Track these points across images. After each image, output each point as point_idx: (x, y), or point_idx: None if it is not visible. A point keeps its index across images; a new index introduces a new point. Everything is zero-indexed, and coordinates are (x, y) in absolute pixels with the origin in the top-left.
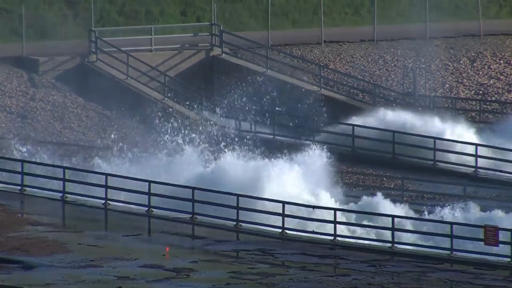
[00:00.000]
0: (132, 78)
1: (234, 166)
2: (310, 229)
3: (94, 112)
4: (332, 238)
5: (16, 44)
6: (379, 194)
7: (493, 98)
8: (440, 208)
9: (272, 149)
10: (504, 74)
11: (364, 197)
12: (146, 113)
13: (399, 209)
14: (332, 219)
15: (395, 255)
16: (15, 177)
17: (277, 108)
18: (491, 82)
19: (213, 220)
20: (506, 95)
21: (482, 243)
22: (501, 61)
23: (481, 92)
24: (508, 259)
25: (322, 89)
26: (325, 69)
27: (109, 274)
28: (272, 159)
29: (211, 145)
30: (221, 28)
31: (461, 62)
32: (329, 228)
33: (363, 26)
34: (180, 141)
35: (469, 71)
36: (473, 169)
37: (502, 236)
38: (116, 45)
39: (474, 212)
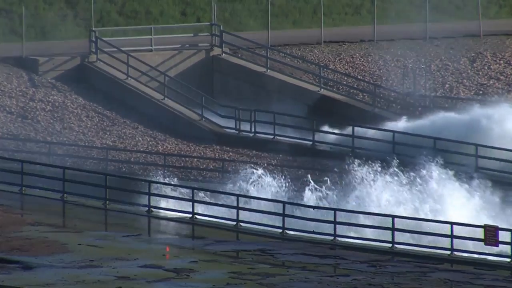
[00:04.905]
0: (132, 78)
1: None
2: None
3: (94, 112)
4: (332, 238)
5: (16, 44)
6: None
7: (493, 99)
8: None
9: None
10: (504, 74)
11: None
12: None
13: None
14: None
15: (395, 255)
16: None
17: (277, 109)
18: (491, 82)
19: (213, 220)
20: (506, 96)
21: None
22: (501, 61)
23: (481, 92)
24: (508, 259)
25: (322, 89)
26: (325, 69)
27: (109, 274)
28: None
29: None
30: (221, 28)
31: (461, 62)
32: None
33: (363, 26)
34: None
35: (469, 71)
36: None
37: (502, 236)
38: (116, 45)
39: None
